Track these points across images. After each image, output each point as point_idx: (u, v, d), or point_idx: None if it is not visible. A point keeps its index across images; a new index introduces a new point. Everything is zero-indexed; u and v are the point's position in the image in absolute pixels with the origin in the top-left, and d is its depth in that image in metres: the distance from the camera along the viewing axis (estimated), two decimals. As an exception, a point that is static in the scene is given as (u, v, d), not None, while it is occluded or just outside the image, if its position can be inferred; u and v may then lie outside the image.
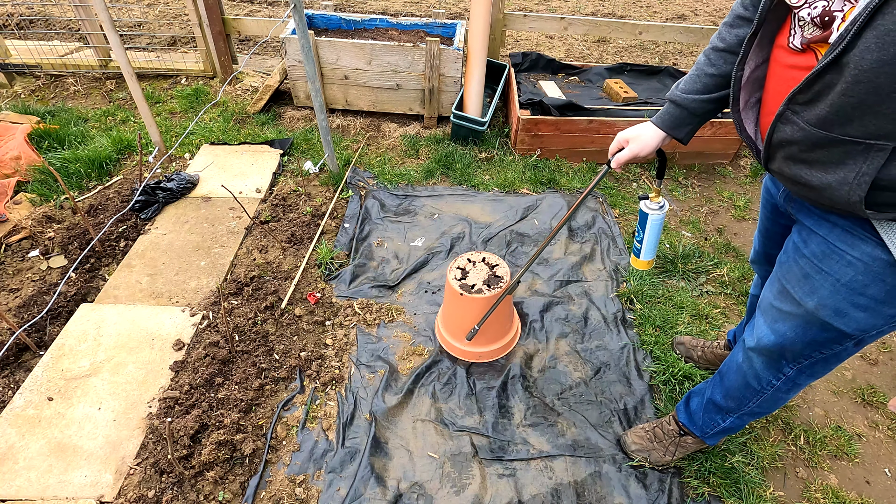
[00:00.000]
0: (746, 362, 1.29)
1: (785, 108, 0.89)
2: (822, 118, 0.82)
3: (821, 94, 0.81)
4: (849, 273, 0.96)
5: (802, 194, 0.97)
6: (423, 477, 1.64)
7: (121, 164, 2.90)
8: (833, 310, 1.01)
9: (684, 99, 1.21)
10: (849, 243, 0.95)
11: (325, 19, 3.45)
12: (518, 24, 3.43)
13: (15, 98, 3.47)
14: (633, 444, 1.68)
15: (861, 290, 0.96)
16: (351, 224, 2.61)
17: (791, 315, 1.10)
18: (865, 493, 1.68)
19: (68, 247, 2.35)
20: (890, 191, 0.83)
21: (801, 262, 1.05)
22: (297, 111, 3.44)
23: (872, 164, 0.80)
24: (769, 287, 1.18)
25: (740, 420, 1.43)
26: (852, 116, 0.79)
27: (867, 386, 1.99)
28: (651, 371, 1.97)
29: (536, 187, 2.91)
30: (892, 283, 0.92)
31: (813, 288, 1.03)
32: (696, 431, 1.56)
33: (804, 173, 0.91)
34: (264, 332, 2.04)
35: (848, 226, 0.95)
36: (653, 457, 1.65)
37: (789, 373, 1.21)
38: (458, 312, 1.90)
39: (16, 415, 1.73)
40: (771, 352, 1.19)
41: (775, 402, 1.31)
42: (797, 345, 1.12)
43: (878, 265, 0.92)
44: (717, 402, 1.44)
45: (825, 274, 1.00)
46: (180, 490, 1.56)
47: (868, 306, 0.97)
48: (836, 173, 0.85)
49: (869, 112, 0.77)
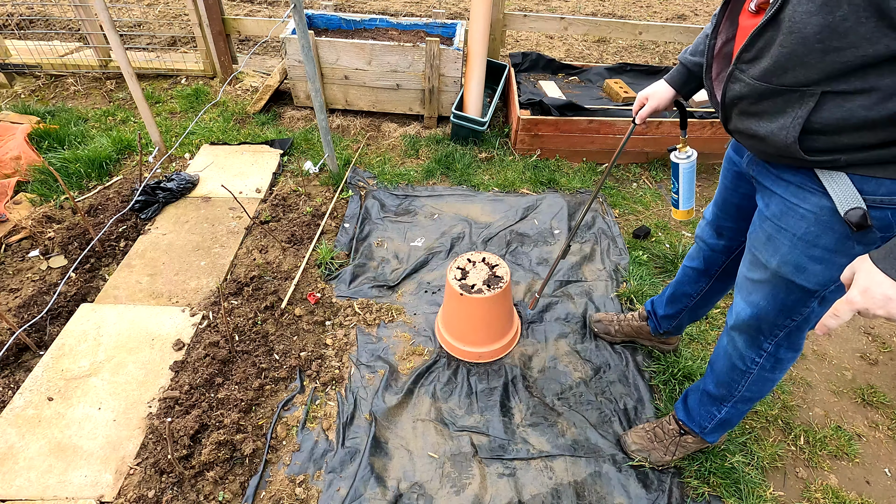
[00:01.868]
0: (730, 343, 1.35)
1: (734, 67, 0.98)
2: (764, 71, 0.92)
3: (763, 50, 0.91)
4: (802, 226, 1.04)
5: (756, 148, 1.06)
6: (423, 477, 1.64)
7: (121, 164, 2.90)
8: (794, 266, 1.08)
9: (688, 60, 1.36)
10: (800, 197, 1.03)
11: (325, 19, 3.45)
12: (518, 24, 3.43)
13: (15, 98, 3.47)
14: (634, 445, 1.68)
15: (815, 242, 1.03)
16: (351, 224, 2.61)
17: (761, 282, 1.18)
18: (865, 493, 1.68)
19: (68, 247, 2.35)
20: (822, 134, 0.91)
21: (765, 226, 1.13)
22: (297, 111, 3.44)
23: (805, 108, 0.90)
24: (743, 264, 1.26)
25: (735, 409, 1.45)
26: (787, 67, 0.88)
27: (867, 386, 1.99)
28: (651, 371, 1.97)
29: (536, 187, 2.91)
30: (840, 231, 0.99)
31: (776, 248, 1.11)
32: (695, 428, 1.57)
33: (753, 125, 1.00)
34: (264, 332, 2.04)
35: (798, 181, 1.03)
36: (653, 457, 1.65)
37: (769, 348, 1.27)
38: (459, 312, 1.90)
39: (16, 415, 1.73)
40: (749, 326, 1.25)
41: (763, 383, 1.35)
42: (771, 314, 1.19)
43: (825, 214, 1.00)
44: (711, 391, 1.47)
45: (784, 231, 1.08)
46: (180, 490, 1.56)
47: (823, 258, 1.04)
48: (778, 121, 0.95)
49: (799, 62, 0.86)
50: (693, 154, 1.47)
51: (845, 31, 0.79)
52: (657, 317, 1.88)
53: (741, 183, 1.32)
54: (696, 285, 1.67)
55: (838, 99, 0.86)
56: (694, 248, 1.65)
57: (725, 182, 1.40)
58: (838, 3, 0.78)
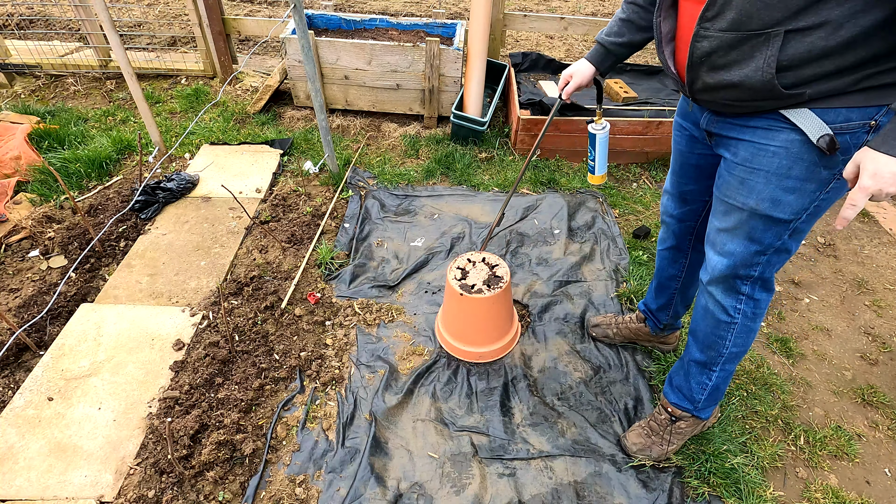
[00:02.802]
0: (710, 299, 1.41)
1: (698, 28, 1.07)
2: (731, 21, 1.01)
3: (725, 5, 1.01)
4: (775, 162, 1.14)
5: (727, 98, 1.14)
6: (423, 477, 1.64)
7: (121, 164, 2.90)
8: (770, 200, 1.18)
9: (605, 40, 1.50)
10: (770, 137, 1.13)
11: (325, 19, 3.45)
12: (518, 24, 3.44)
13: (15, 98, 3.47)
14: (634, 446, 1.69)
15: (787, 174, 1.13)
16: (351, 224, 2.61)
17: (735, 228, 1.26)
18: (865, 493, 1.68)
19: (68, 247, 2.35)
20: (788, 70, 1.01)
21: (736, 171, 1.22)
22: (297, 111, 3.44)
23: (774, 48, 0.99)
24: (712, 220, 1.34)
25: (723, 371, 1.51)
26: (752, 12, 0.98)
27: (867, 386, 1.99)
28: (651, 371, 1.97)
29: (536, 187, 2.91)
30: (808, 159, 1.10)
31: (750, 188, 1.20)
32: (688, 405, 1.61)
33: (726, 75, 1.09)
34: (264, 332, 2.04)
35: (765, 124, 1.13)
36: (654, 452, 1.66)
37: (746, 290, 1.35)
38: (459, 312, 1.90)
39: (16, 415, 1.73)
40: (726, 276, 1.33)
41: (747, 334, 1.43)
42: (746, 256, 1.28)
43: (795, 147, 1.10)
44: (697, 359, 1.53)
45: (757, 171, 1.17)
46: (180, 490, 1.56)
47: (795, 188, 1.14)
48: (750, 64, 1.04)
49: (763, 5, 0.96)
50: (607, 126, 1.63)
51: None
52: (652, 312, 1.90)
53: (695, 144, 1.43)
54: (676, 264, 1.73)
55: (799, 35, 0.97)
56: (662, 230, 1.73)
57: (680, 148, 1.50)
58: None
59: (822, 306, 2.33)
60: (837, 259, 2.58)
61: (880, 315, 2.30)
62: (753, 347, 2.10)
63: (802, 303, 2.34)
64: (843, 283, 2.45)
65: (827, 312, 2.30)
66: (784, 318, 2.26)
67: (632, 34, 1.45)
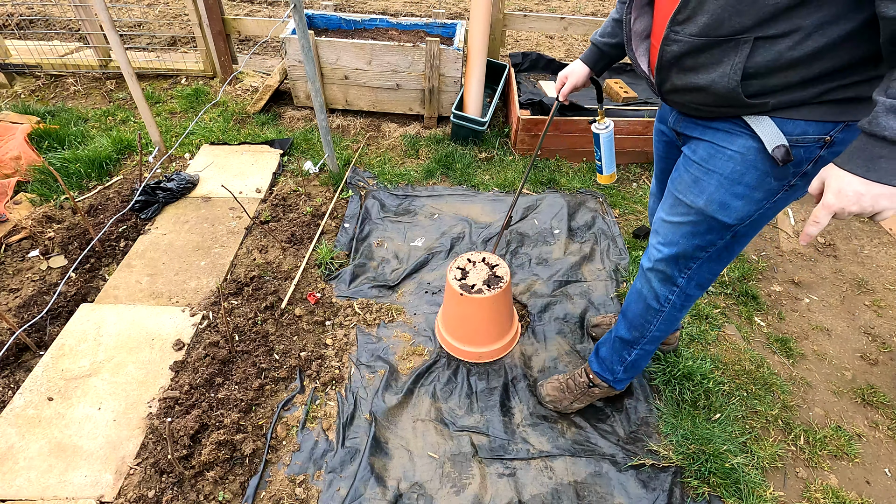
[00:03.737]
0: (646, 285, 1.45)
1: (668, 30, 1.07)
2: (703, 26, 1.01)
3: (697, 8, 1.00)
4: (729, 166, 1.15)
5: (694, 101, 1.15)
6: (423, 477, 1.64)
7: (121, 164, 2.90)
8: (718, 203, 1.19)
9: (598, 41, 1.49)
10: (729, 140, 1.14)
11: (325, 19, 3.45)
12: (518, 24, 3.43)
13: (15, 98, 3.47)
14: (548, 396, 1.83)
15: (739, 180, 1.15)
16: (351, 224, 2.61)
17: (682, 223, 1.28)
18: (865, 493, 1.68)
19: (68, 247, 2.35)
20: (754, 78, 1.02)
21: (692, 169, 1.24)
22: (297, 111, 3.44)
23: (741, 55, 0.99)
24: (661, 207, 1.36)
25: (643, 350, 1.59)
26: (724, 18, 0.97)
27: (867, 386, 1.99)
28: (651, 371, 1.97)
29: (536, 187, 2.91)
30: (762, 168, 1.12)
31: (702, 188, 1.21)
32: (608, 376, 1.71)
33: (693, 78, 1.09)
34: (264, 332, 2.04)
35: (727, 127, 1.14)
36: (563, 405, 1.80)
37: (681, 283, 1.39)
38: (459, 313, 1.90)
39: (16, 415, 1.73)
40: (667, 264, 1.36)
41: (671, 322, 1.49)
42: (689, 249, 1.30)
43: (751, 154, 1.11)
44: (623, 336, 1.60)
45: (711, 172, 1.19)
46: (180, 490, 1.56)
47: (744, 195, 1.16)
48: (718, 70, 1.04)
49: (735, 11, 0.96)
50: (611, 124, 1.61)
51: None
52: None
53: (672, 150, 1.47)
54: None
55: (768, 43, 0.97)
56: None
57: (659, 153, 1.53)
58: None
59: (822, 306, 2.33)
60: (837, 259, 2.58)
61: (880, 315, 2.30)
62: (754, 347, 2.10)
63: (802, 303, 2.34)
64: (843, 283, 2.45)
65: (827, 312, 2.30)
66: (784, 318, 2.26)
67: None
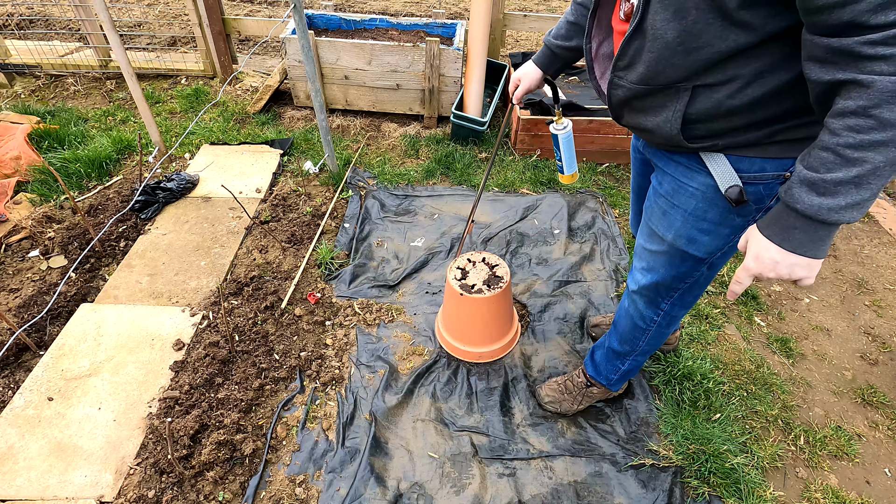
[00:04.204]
0: (632, 306, 1.47)
1: (613, 75, 1.07)
2: (640, 75, 1.00)
3: (635, 57, 0.99)
4: (692, 202, 1.15)
5: (646, 138, 1.15)
6: (423, 477, 1.64)
7: (121, 164, 2.90)
8: (686, 238, 1.20)
9: (551, 43, 1.44)
10: (689, 177, 1.13)
11: (325, 19, 3.45)
12: (518, 24, 3.43)
13: (15, 98, 3.47)
14: (547, 396, 1.82)
15: (703, 216, 1.15)
16: (351, 224, 2.61)
17: (659, 253, 1.29)
18: (865, 493, 1.68)
19: (68, 247, 2.35)
20: (699, 122, 1.01)
21: (660, 202, 1.24)
22: (297, 111, 3.44)
23: (682, 102, 0.99)
24: (640, 234, 1.37)
25: (635, 361, 1.62)
26: (658, 69, 0.96)
27: (867, 386, 1.99)
28: (651, 371, 1.97)
29: (536, 187, 2.91)
30: (722, 205, 1.11)
31: (670, 222, 1.21)
32: (602, 381, 1.73)
33: (641, 120, 1.10)
34: (264, 332, 2.04)
35: (686, 162, 1.13)
36: (563, 406, 1.80)
37: (665, 307, 1.40)
38: (459, 312, 1.90)
39: (16, 415, 1.73)
40: (649, 290, 1.38)
41: (659, 337, 1.51)
42: (667, 279, 1.31)
43: (710, 191, 1.10)
44: (615, 348, 1.62)
45: (676, 207, 1.19)
46: (180, 490, 1.56)
47: (710, 230, 1.16)
48: (661, 114, 1.04)
49: (668, 64, 0.94)
50: (569, 124, 1.58)
51: (699, 32, 0.88)
52: None
53: (647, 168, 1.44)
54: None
55: (707, 91, 0.95)
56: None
57: (636, 170, 1.54)
58: (688, 10, 0.86)
59: (822, 306, 2.33)
60: (837, 259, 2.58)
61: (880, 315, 2.30)
62: (754, 347, 2.10)
63: (802, 303, 2.34)
64: (843, 283, 2.45)
65: (827, 312, 2.30)
66: (784, 318, 2.26)
67: (580, 39, 1.36)
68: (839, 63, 0.76)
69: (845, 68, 0.76)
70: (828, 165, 0.80)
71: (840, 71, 0.76)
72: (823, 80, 0.79)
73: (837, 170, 0.79)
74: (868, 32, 0.72)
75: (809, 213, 0.82)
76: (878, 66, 0.72)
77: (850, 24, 0.73)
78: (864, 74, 0.73)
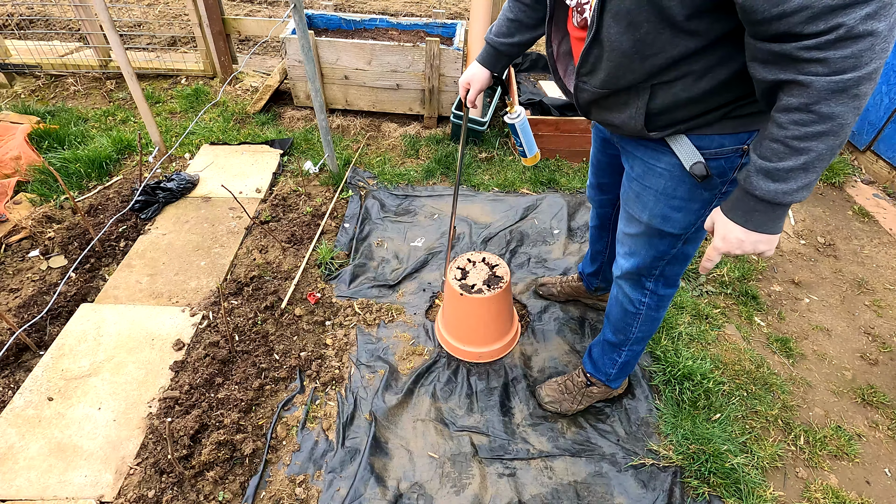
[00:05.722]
0: (620, 291, 1.54)
1: (577, 81, 1.15)
2: (602, 81, 1.09)
3: (595, 65, 1.08)
4: (661, 182, 1.23)
5: (615, 131, 1.26)
6: (423, 477, 1.64)
7: (121, 164, 2.90)
8: (661, 217, 1.27)
9: (494, 41, 1.47)
10: (656, 158, 1.21)
11: (325, 19, 3.45)
12: (518, 24, 3.43)
13: (15, 98, 3.47)
14: (547, 397, 1.83)
15: (673, 194, 1.22)
16: (351, 224, 2.61)
17: (638, 235, 1.36)
18: (865, 493, 1.68)
19: (68, 247, 2.35)
20: (660, 115, 1.10)
21: (633, 185, 1.31)
22: (297, 111, 3.44)
23: (643, 99, 1.08)
24: (620, 222, 1.44)
25: (631, 351, 1.65)
26: (619, 75, 1.06)
27: (867, 386, 1.99)
28: (651, 371, 1.97)
29: (536, 187, 2.91)
30: (689, 182, 1.19)
31: (644, 203, 1.29)
32: (601, 377, 1.75)
33: (608, 116, 1.19)
34: (264, 332, 2.04)
35: (653, 145, 1.21)
36: (563, 407, 1.81)
37: (650, 286, 1.47)
38: (459, 312, 1.90)
39: (16, 415, 1.73)
40: (632, 273, 1.45)
41: (651, 322, 1.56)
42: (648, 259, 1.39)
43: (677, 170, 1.18)
44: (610, 339, 1.66)
45: (648, 189, 1.26)
46: (180, 490, 1.56)
47: (681, 206, 1.23)
48: (625, 112, 1.13)
49: (627, 70, 1.03)
50: (522, 111, 1.64)
51: (652, 42, 0.96)
52: (586, 276, 2.11)
53: (607, 146, 1.55)
54: (602, 241, 1.90)
55: (665, 87, 1.05)
56: (591, 210, 1.89)
57: (596, 146, 1.62)
58: (640, 24, 0.94)
59: (822, 306, 2.33)
60: (837, 259, 2.58)
61: (880, 315, 2.30)
62: (754, 347, 2.10)
63: (802, 303, 2.34)
64: (843, 283, 2.45)
65: (827, 312, 2.30)
66: (784, 318, 2.26)
67: (521, 34, 1.43)
68: (780, 64, 0.85)
69: (786, 69, 0.84)
70: (779, 155, 0.89)
71: (781, 71, 0.85)
72: (767, 79, 0.88)
73: (787, 159, 0.88)
74: (803, 40, 0.80)
75: (767, 198, 0.93)
76: (814, 67, 0.80)
77: (787, 34, 0.81)
78: (803, 75, 0.82)
